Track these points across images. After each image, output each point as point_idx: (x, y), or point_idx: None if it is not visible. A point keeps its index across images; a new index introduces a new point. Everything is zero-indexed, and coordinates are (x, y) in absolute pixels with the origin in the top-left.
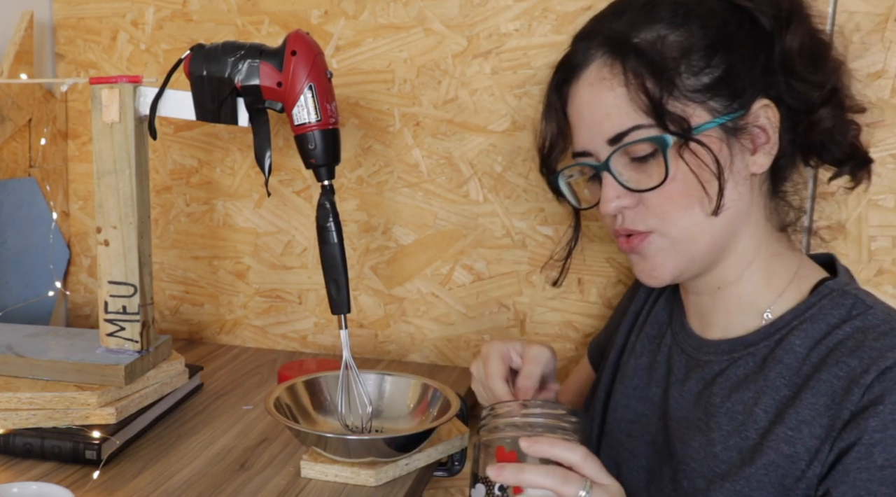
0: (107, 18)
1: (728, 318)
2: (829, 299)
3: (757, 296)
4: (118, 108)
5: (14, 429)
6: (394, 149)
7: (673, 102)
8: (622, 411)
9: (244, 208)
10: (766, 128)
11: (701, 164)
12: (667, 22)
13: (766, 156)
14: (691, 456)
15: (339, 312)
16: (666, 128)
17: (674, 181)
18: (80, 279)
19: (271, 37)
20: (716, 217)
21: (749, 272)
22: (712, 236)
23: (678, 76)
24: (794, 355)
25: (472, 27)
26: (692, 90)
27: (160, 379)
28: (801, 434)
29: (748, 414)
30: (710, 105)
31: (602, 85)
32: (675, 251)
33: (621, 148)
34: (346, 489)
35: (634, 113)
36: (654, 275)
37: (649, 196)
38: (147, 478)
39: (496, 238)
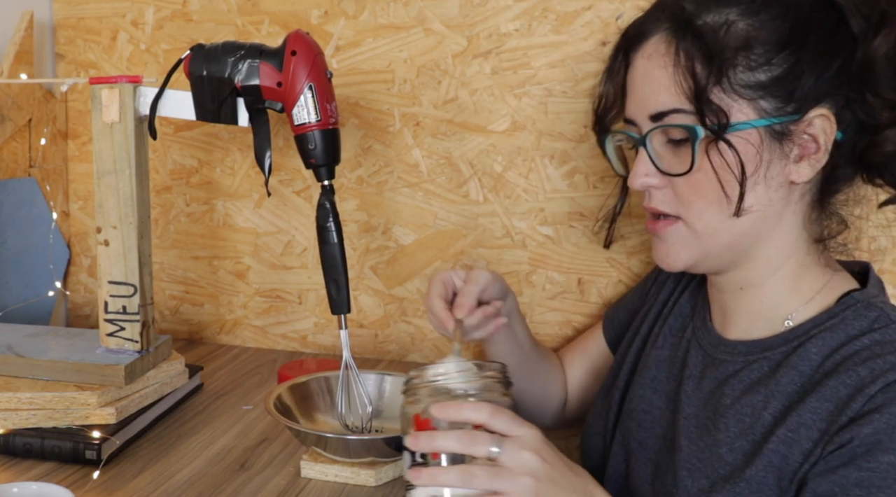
0: (107, 18)
1: (749, 321)
2: (852, 310)
3: (780, 302)
4: (118, 108)
5: (14, 429)
6: (394, 149)
7: (719, 93)
8: (637, 402)
9: (244, 208)
10: (818, 138)
11: (724, 164)
12: (742, 7)
13: (811, 166)
14: (697, 455)
15: (339, 312)
16: (702, 118)
17: (700, 173)
18: (80, 279)
19: (271, 37)
20: (738, 218)
21: (774, 278)
22: (733, 236)
23: (732, 68)
24: (809, 363)
25: (472, 27)
26: (744, 85)
27: (160, 379)
28: (799, 436)
29: (756, 417)
30: (759, 104)
31: (657, 60)
32: (695, 243)
33: (659, 128)
34: (346, 489)
35: (678, 95)
36: (668, 261)
37: (677, 182)
38: (147, 478)
39: (496, 238)
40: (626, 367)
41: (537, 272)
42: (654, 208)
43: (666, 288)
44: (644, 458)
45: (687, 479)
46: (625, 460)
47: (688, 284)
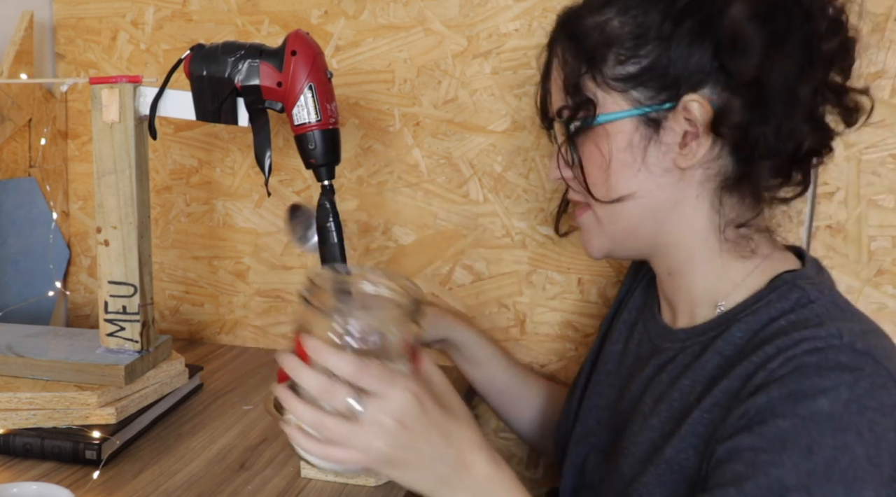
0: (107, 18)
1: (688, 308)
2: (777, 293)
3: (709, 288)
4: (118, 108)
5: (14, 429)
6: (394, 149)
7: (593, 88)
8: (595, 398)
9: (244, 208)
10: (696, 122)
11: (591, 154)
12: (618, 7)
13: (693, 151)
14: (632, 441)
15: None
16: (574, 112)
17: (587, 164)
18: (80, 279)
19: (271, 37)
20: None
21: (693, 263)
22: (630, 221)
23: (603, 63)
24: (733, 346)
25: (472, 27)
26: (615, 78)
27: (160, 379)
28: (713, 415)
29: (684, 402)
30: (631, 94)
31: (555, 62)
32: (600, 229)
33: (554, 124)
34: (346, 489)
35: (563, 94)
36: (587, 247)
37: (577, 174)
38: (147, 478)
39: (496, 238)
40: (587, 366)
41: (537, 272)
42: (571, 198)
43: (623, 287)
44: (598, 451)
45: (623, 465)
46: (583, 456)
47: (641, 281)
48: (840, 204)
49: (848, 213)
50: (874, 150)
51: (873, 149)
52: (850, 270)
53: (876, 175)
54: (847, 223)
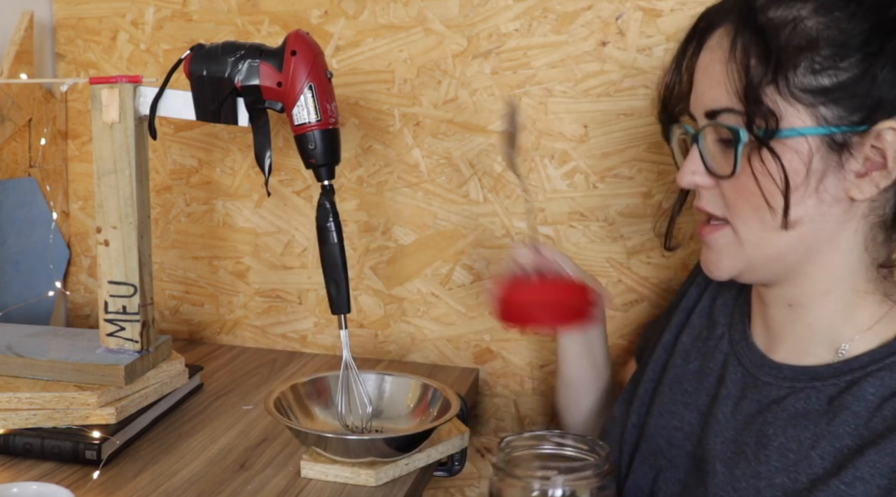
0: (107, 18)
1: (797, 343)
2: None
3: (832, 328)
4: (118, 108)
5: (14, 429)
6: (394, 149)
7: (773, 95)
8: (668, 418)
9: (244, 208)
10: (887, 153)
11: (765, 172)
12: (816, 4)
13: (875, 183)
14: (733, 485)
15: (339, 312)
16: (749, 121)
17: (745, 178)
18: (80, 279)
19: (271, 37)
20: (785, 230)
21: (826, 300)
22: (779, 249)
23: (792, 69)
24: (865, 404)
25: (472, 27)
26: (803, 89)
27: (160, 379)
28: (855, 491)
29: (803, 456)
30: (819, 111)
31: (717, 54)
32: (739, 251)
33: (709, 126)
34: (346, 489)
35: (730, 94)
36: (713, 269)
37: (724, 184)
38: (147, 478)
39: (496, 238)
40: (650, 377)
41: None
42: (703, 208)
43: (689, 296)
44: (673, 477)
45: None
46: (652, 477)
47: (720, 293)
48: None
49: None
50: None
51: None
52: None
53: None
54: None
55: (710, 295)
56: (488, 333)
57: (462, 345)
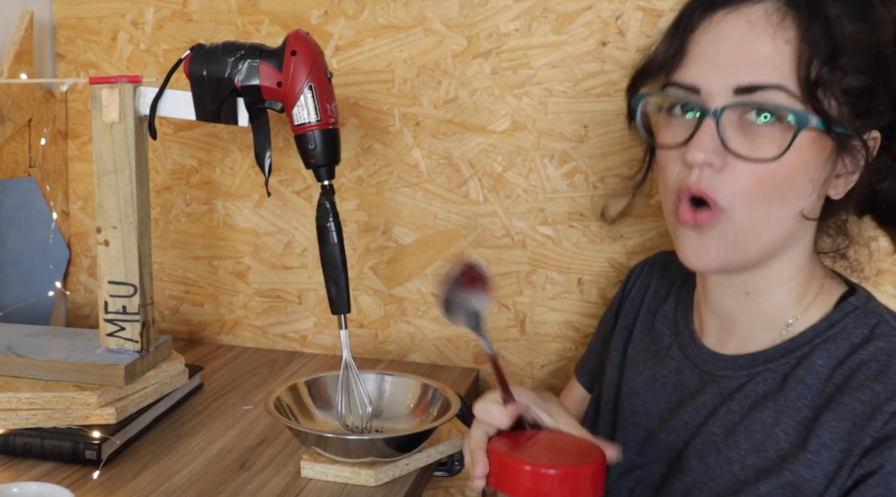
0: (107, 18)
1: (749, 331)
2: (852, 317)
3: (783, 311)
4: (118, 108)
5: (14, 429)
6: (394, 149)
7: (825, 88)
8: (633, 431)
9: (244, 208)
10: (861, 160)
11: (821, 159)
12: (850, 7)
13: (845, 185)
14: (708, 474)
15: (339, 312)
16: (812, 108)
17: (779, 167)
18: (80, 279)
19: (271, 37)
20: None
21: (783, 288)
22: (772, 240)
23: (835, 65)
24: (817, 375)
25: (472, 27)
26: (840, 87)
27: (160, 379)
28: (821, 457)
29: (768, 434)
30: (843, 110)
31: (764, 29)
32: (735, 241)
33: (749, 103)
34: (346, 489)
35: (788, 75)
36: (706, 259)
37: (741, 169)
38: (147, 478)
39: (496, 238)
40: (609, 396)
41: (537, 272)
42: (704, 192)
43: (625, 314)
44: (648, 484)
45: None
46: (630, 487)
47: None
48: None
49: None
50: None
51: None
52: None
53: None
54: (847, 223)
55: (647, 311)
56: None
57: (462, 345)
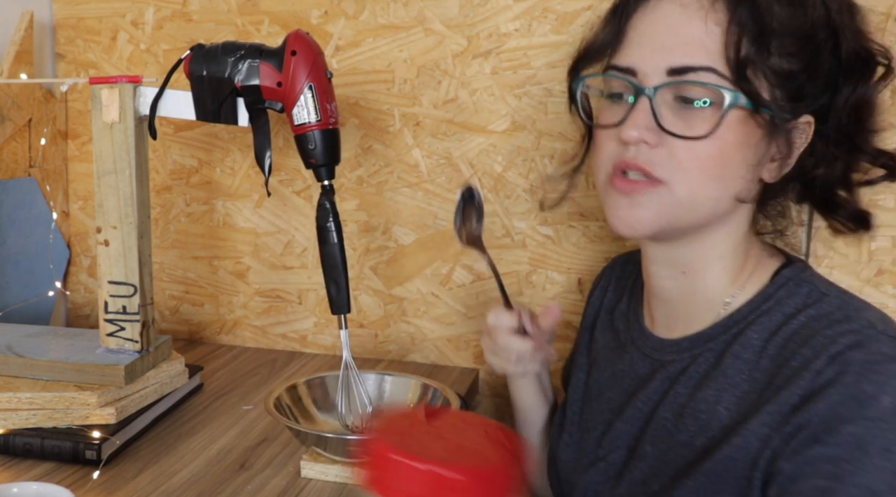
0: (107, 18)
1: (690, 313)
2: (784, 289)
3: (720, 290)
4: (118, 108)
5: (14, 429)
6: (394, 149)
7: (754, 69)
8: (601, 427)
9: (244, 208)
10: (796, 143)
11: (752, 138)
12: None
13: (779, 169)
14: (663, 459)
15: (339, 312)
16: (740, 88)
17: (711, 144)
18: (80, 279)
19: (271, 37)
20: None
21: (718, 266)
22: (708, 216)
23: (768, 47)
24: (752, 349)
25: (472, 27)
26: (771, 69)
27: (160, 379)
28: (753, 424)
29: (712, 413)
30: (774, 92)
31: (696, 12)
32: (672, 211)
33: (680, 83)
34: (346, 489)
35: (717, 57)
36: (636, 226)
37: (678, 146)
38: (147, 478)
39: (496, 238)
40: (574, 397)
41: (537, 272)
42: (639, 166)
43: (587, 317)
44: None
45: (654, 484)
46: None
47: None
48: None
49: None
50: None
51: None
52: (850, 270)
53: None
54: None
55: (606, 311)
56: None
57: (462, 345)
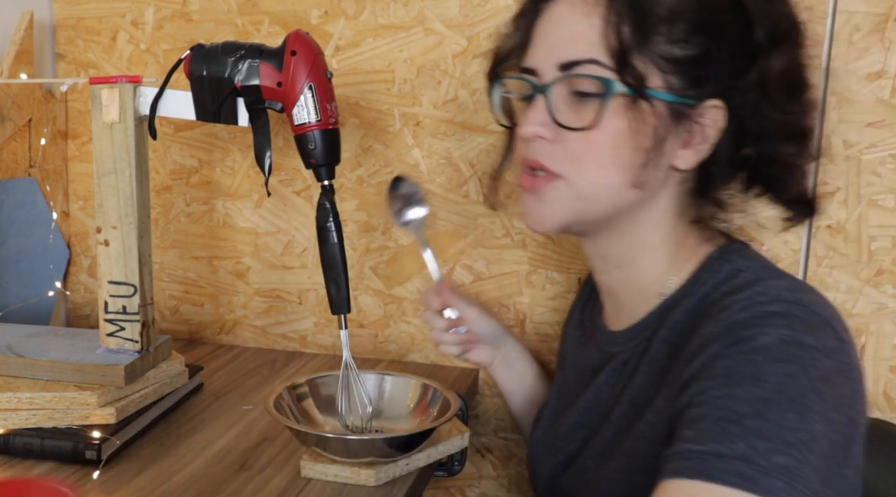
0: (107, 18)
1: (631, 305)
2: (708, 270)
3: (655, 279)
4: (118, 108)
5: (14, 429)
6: (394, 149)
7: (639, 57)
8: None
9: (244, 208)
10: (707, 128)
11: (641, 125)
12: None
13: (694, 155)
14: (607, 446)
15: (339, 312)
16: (621, 77)
17: (602, 133)
18: (80, 279)
19: (271, 37)
20: (629, 188)
21: (651, 255)
22: (614, 206)
23: (655, 35)
24: (674, 330)
25: (472, 27)
26: (660, 56)
27: (160, 379)
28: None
29: (646, 397)
30: (668, 79)
31: (581, 9)
32: (574, 204)
33: (569, 77)
34: (346, 489)
35: (598, 48)
36: (544, 220)
37: (573, 139)
38: (147, 478)
39: (496, 238)
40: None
41: (537, 272)
42: (538, 162)
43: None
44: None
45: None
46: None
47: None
48: (840, 204)
49: (848, 213)
50: (874, 150)
51: (873, 149)
52: (850, 270)
53: (876, 175)
54: (847, 223)
55: (579, 308)
56: None
57: None
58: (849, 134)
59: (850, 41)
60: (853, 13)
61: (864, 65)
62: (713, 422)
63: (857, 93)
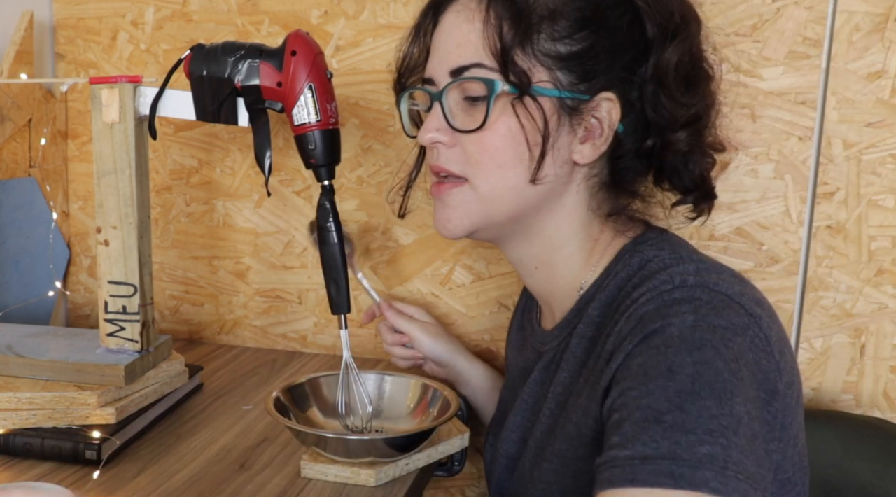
0: (107, 18)
1: (556, 304)
2: (621, 262)
3: (573, 277)
4: (118, 108)
5: (14, 429)
6: (394, 149)
7: (522, 56)
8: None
9: (244, 208)
10: (603, 122)
11: (530, 121)
12: None
13: (593, 149)
14: (540, 445)
15: (339, 312)
16: (505, 76)
17: (494, 134)
18: (80, 279)
19: (271, 37)
20: (529, 185)
21: (563, 255)
22: (518, 205)
23: (537, 34)
24: (592, 325)
25: None
26: (545, 54)
27: (160, 379)
28: (582, 399)
29: (568, 394)
30: (556, 75)
31: (465, 15)
32: (478, 207)
33: (457, 81)
34: (346, 489)
35: (482, 52)
36: (449, 226)
37: (467, 140)
38: (147, 478)
39: None
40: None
41: None
42: (440, 167)
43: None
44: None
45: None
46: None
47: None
48: (840, 204)
49: (848, 213)
50: (874, 150)
51: (873, 149)
52: (850, 270)
53: (876, 175)
54: (847, 223)
55: (519, 313)
56: (488, 333)
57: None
58: (849, 134)
59: (850, 41)
60: (853, 13)
61: (864, 65)
62: (636, 423)
63: (857, 93)
